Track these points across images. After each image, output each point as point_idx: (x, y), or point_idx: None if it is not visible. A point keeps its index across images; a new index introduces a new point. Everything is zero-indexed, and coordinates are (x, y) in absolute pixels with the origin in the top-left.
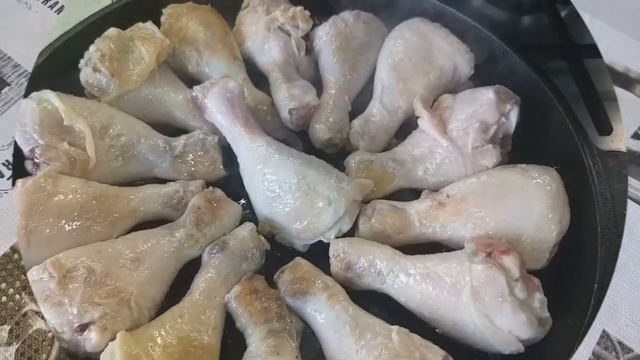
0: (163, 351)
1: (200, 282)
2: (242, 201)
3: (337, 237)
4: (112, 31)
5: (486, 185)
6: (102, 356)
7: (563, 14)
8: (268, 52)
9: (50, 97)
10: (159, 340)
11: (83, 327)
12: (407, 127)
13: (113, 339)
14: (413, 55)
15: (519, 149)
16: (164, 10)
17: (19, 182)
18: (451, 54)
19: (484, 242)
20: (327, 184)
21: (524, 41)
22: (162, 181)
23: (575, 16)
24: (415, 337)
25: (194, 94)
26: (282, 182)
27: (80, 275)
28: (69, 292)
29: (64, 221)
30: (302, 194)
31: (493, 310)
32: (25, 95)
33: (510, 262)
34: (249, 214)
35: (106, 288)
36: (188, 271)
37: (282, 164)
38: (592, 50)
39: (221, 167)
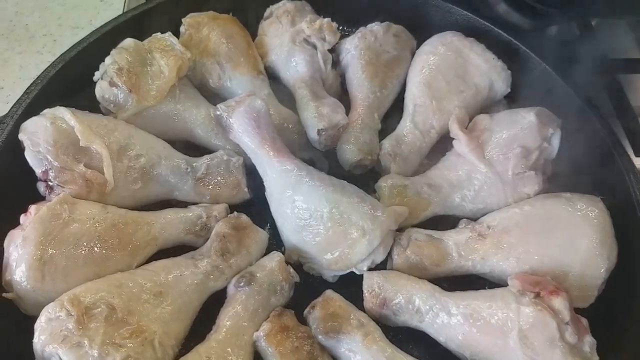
0: None
1: (227, 319)
2: (267, 226)
3: (370, 269)
4: (128, 42)
5: (530, 216)
6: None
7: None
8: (294, 67)
9: (64, 114)
10: None
11: None
12: (436, 146)
13: None
14: (447, 72)
15: (558, 173)
16: (183, 20)
17: (33, 208)
18: (487, 71)
19: (530, 280)
20: (361, 212)
21: (558, 56)
22: (182, 204)
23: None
24: None
25: (217, 112)
26: (313, 210)
27: (101, 313)
28: (89, 332)
29: (80, 251)
30: (334, 224)
31: (542, 356)
32: (32, 111)
33: (560, 304)
34: (273, 241)
35: (128, 327)
36: (210, 301)
37: (313, 191)
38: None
39: (246, 189)
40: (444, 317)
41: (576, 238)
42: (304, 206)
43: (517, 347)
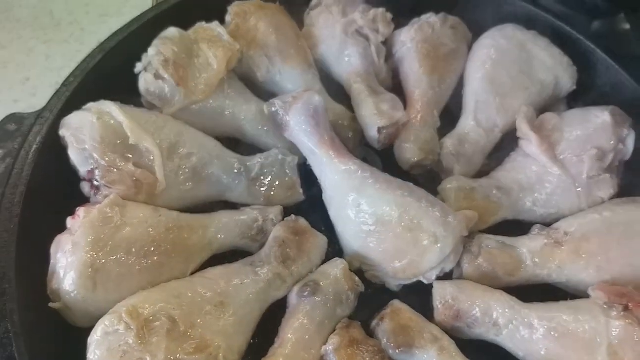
0: None
1: (292, 332)
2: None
3: (439, 278)
4: (172, 32)
5: (611, 223)
6: None
7: None
8: (347, 60)
9: (112, 109)
10: None
11: None
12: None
13: None
14: (511, 68)
15: (629, 175)
16: (229, 9)
17: (81, 211)
18: (553, 67)
19: (614, 291)
20: (432, 218)
21: (624, 51)
22: (232, 206)
23: None
24: None
25: (273, 109)
26: (380, 215)
27: (162, 326)
28: (150, 347)
29: (134, 258)
30: (404, 230)
31: None
32: (71, 105)
33: None
34: (328, 247)
35: (192, 342)
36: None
37: (381, 194)
38: None
39: (301, 191)
40: (525, 331)
41: None
42: (370, 211)
43: None
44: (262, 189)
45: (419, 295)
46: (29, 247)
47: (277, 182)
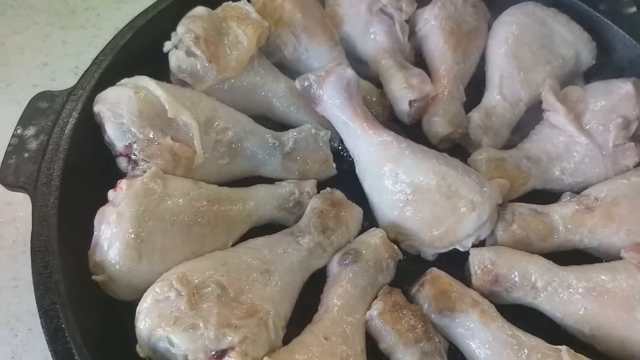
0: None
1: (337, 298)
2: None
3: (474, 246)
4: (200, 10)
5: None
6: None
7: None
8: (372, 38)
9: (149, 84)
10: None
11: (221, 354)
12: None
13: None
14: (532, 43)
15: None
16: None
17: (123, 183)
18: (573, 42)
19: None
20: (469, 185)
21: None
22: (267, 180)
23: None
24: (582, 357)
25: (306, 83)
26: (418, 183)
27: (212, 292)
28: (202, 312)
29: (178, 228)
30: (442, 197)
31: None
32: (103, 82)
33: None
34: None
35: (243, 307)
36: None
37: (418, 163)
38: None
39: (334, 165)
40: (564, 292)
41: None
42: (407, 180)
43: None
44: (296, 162)
45: (452, 265)
46: (69, 221)
47: (311, 156)
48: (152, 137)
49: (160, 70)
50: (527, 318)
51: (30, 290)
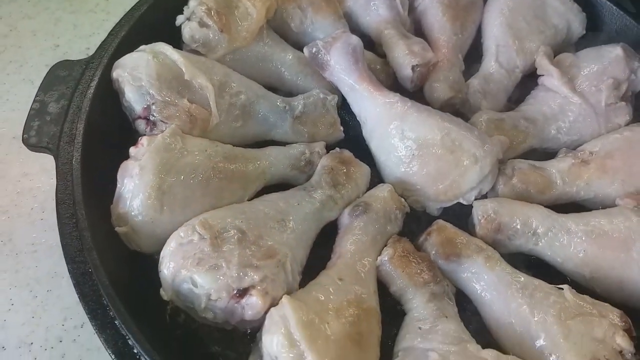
0: (336, 314)
1: (349, 245)
2: None
3: (477, 199)
4: None
5: (632, 140)
6: (268, 325)
7: None
8: (375, 10)
9: (166, 49)
10: (328, 304)
11: (242, 292)
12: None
13: (272, 305)
14: (527, 13)
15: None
16: None
17: (144, 139)
18: (564, 12)
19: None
20: (471, 140)
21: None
22: (280, 144)
23: None
24: (586, 297)
25: (314, 50)
26: (423, 139)
27: (233, 236)
28: (224, 254)
29: (197, 181)
30: (446, 152)
31: None
32: (120, 51)
33: None
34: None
35: (262, 249)
36: None
37: (423, 120)
38: None
39: (341, 128)
40: (563, 236)
41: None
42: (413, 136)
43: None
44: (305, 126)
45: (457, 221)
46: (92, 177)
47: (319, 120)
48: (169, 99)
49: (173, 43)
50: (530, 271)
51: (48, 254)
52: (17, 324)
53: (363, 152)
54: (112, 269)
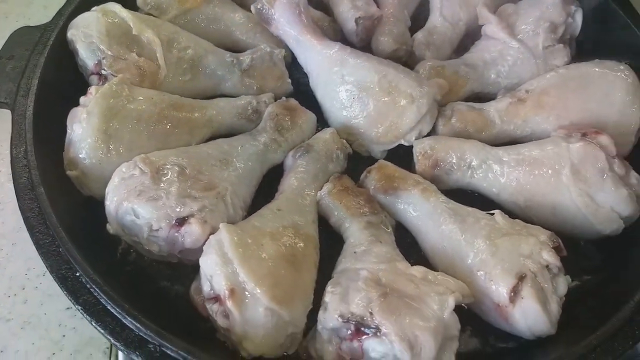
0: (271, 237)
1: (292, 181)
2: None
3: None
4: None
5: (566, 77)
6: (206, 249)
7: None
8: None
9: (115, 8)
10: (264, 229)
11: (181, 221)
12: (464, 43)
13: (212, 233)
14: None
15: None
16: None
17: (93, 88)
18: None
19: (574, 127)
20: (408, 82)
21: None
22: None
23: None
24: (518, 220)
25: (258, 6)
26: (362, 81)
27: (172, 170)
28: (164, 186)
29: (143, 126)
30: (383, 93)
31: (594, 187)
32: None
33: (605, 140)
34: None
35: (201, 182)
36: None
37: (361, 63)
38: None
39: (289, 81)
40: (497, 167)
41: (611, 91)
42: (352, 79)
43: (570, 182)
44: (253, 80)
45: (404, 165)
46: (46, 129)
47: (267, 73)
48: (119, 53)
49: (128, 7)
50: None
51: (14, 211)
52: None
53: (316, 105)
54: (63, 210)
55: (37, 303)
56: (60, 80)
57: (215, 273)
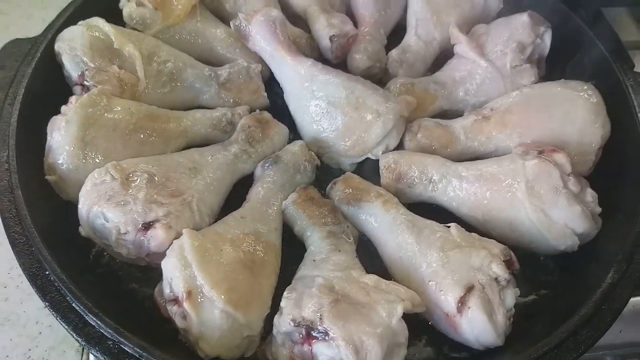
0: (231, 244)
1: (258, 189)
2: None
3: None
4: None
5: (529, 96)
6: (168, 253)
7: None
8: None
9: (99, 23)
10: (225, 235)
11: (147, 226)
12: (441, 62)
13: (177, 238)
14: None
15: (552, 76)
16: None
17: (73, 98)
18: None
19: (532, 145)
20: (375, 98)
21: None
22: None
23: None
24: (473, 233)
25: (237, 22)
26: (331, 96)
27: (141, 177)
28: (132, 192)
29: (119, 134)
30: (351, 108)
31: (549, 204)
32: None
33: (561, 158)
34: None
35: (168, 189)
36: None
37: (330, 79)
38: None
39: (265, 94)
40: (456, 182)
41: (572, 111)
42: (321, 94)
43: (525, 198)
44: (230, 93)
45: (372, 177)
46: (29, 136)
47: (244, 87)
48: (101, 65)
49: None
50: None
51: None
52: None
53: (291, 118)
54: (41, 213)
55: (17, 301)
56: (47, 90)
57: (174, 276)
